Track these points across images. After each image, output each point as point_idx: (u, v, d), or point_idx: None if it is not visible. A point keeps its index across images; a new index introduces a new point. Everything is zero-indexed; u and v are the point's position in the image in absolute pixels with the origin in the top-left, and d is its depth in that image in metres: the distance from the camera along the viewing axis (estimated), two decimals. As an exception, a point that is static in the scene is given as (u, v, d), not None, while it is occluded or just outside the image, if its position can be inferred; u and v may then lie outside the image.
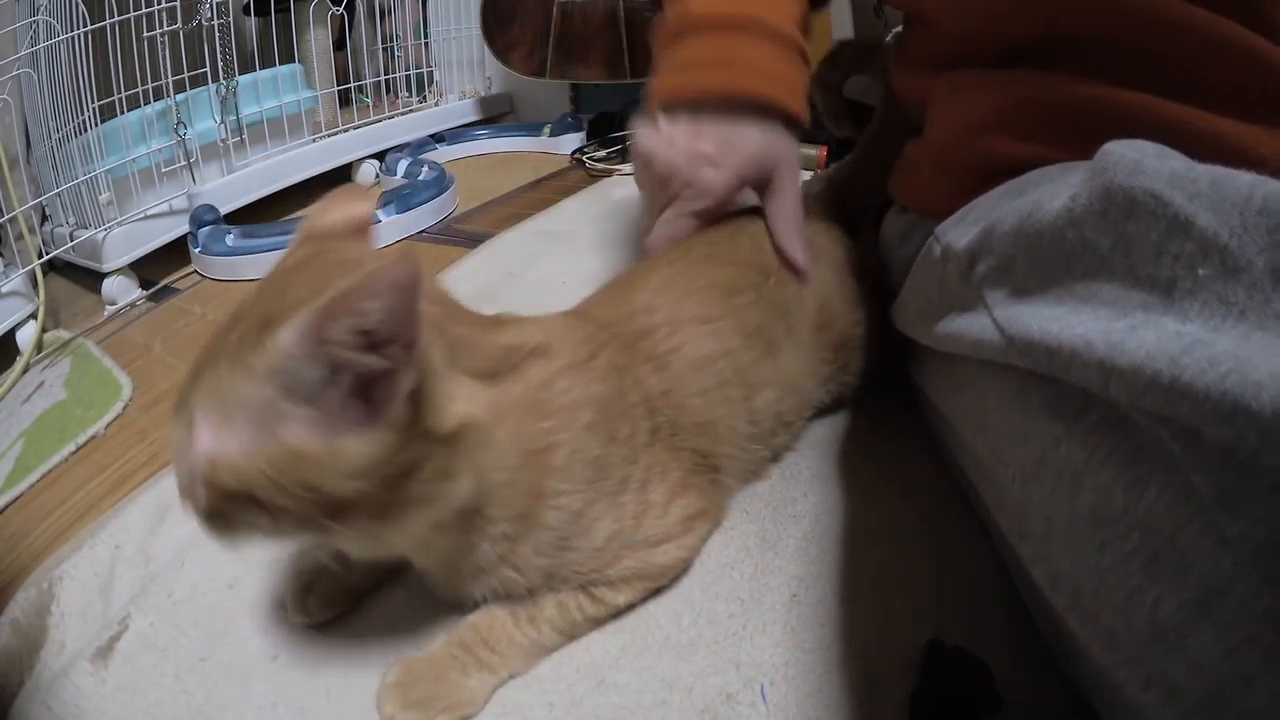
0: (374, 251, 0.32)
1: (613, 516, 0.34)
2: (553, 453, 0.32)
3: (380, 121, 1.24)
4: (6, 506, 0.51)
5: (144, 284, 0.88)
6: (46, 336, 0.79)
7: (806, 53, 0.50)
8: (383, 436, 0.24)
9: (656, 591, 0.38)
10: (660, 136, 0.48)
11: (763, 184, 0.49)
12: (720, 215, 0.48)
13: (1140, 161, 0.24)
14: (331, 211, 0.33)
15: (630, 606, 0.37)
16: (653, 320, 0.39)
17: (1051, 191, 0.28)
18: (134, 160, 0.87)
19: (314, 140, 1.11)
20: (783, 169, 0.48)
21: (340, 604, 0.38)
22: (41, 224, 0.93)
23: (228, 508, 0.25)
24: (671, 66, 0.49)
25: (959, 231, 0.35)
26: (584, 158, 1.22)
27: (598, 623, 0.36)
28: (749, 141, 0.47)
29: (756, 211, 0.50)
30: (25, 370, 0.72)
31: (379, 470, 0.25)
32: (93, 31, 0.81)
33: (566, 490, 0.32)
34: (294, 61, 1.17)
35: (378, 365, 0.22)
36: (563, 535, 0.33)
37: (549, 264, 0.80)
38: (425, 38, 1.43)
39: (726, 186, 0.47)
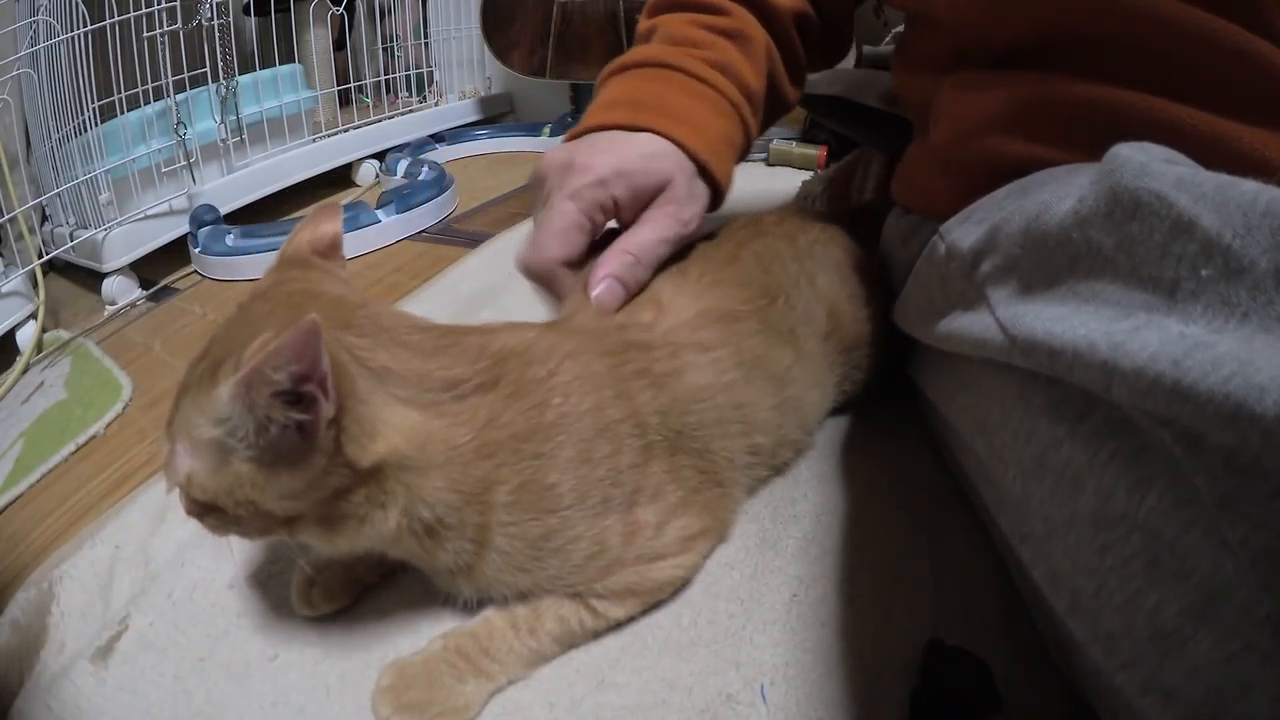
0: (324, 280, 0.34)
1: (592, 539, 0.33)
2: (495, 490, 0.31)
3: (380, 121, 1.24)
4: (6, 506, 0.51)
5: (144, 284, 0.88)
6: (46, 336, 0.78)
7: (743, 104, 0.46)
8: (311, 465, 0.28)
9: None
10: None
11: (648, 198, 0.41)
12: (599, 213, 0.41)
13: (1147, 164, 0.24)
14: (303, 233, 0.36)
15: (630, 619, 0.36)
16: (650, 337, 0.37)
17: (1059, 193, 0.28)
18: (134, 160, 0.87)
19: (314, 140, 1.11)
20: (675, 189, 0.41)
21: (344, 597, 0.38)
22: (41, 224, 0.93)
23: (204, 512, 0.30)
24: (586, 115, 0.45)
25: (963, 230, 0.35)
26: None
27: (597, 634, 0.36)
28: (636, 143, 0.41)
29: (760, 227, 0.48)
30: (25, 370, 0.72)
31: (310, 495, 0.29)
32: (93, 31, 0.81)
33: (516, 520, 0.32)
34: (294, 61, 1.17)
35: (295, 419, 0.26)
36: (529, 556, 0.33)
37: (549, 264, 0.80)
38: (425, 38, 1.43)
39: (601, 171, 0.40)
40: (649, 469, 0.35)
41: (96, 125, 0.84)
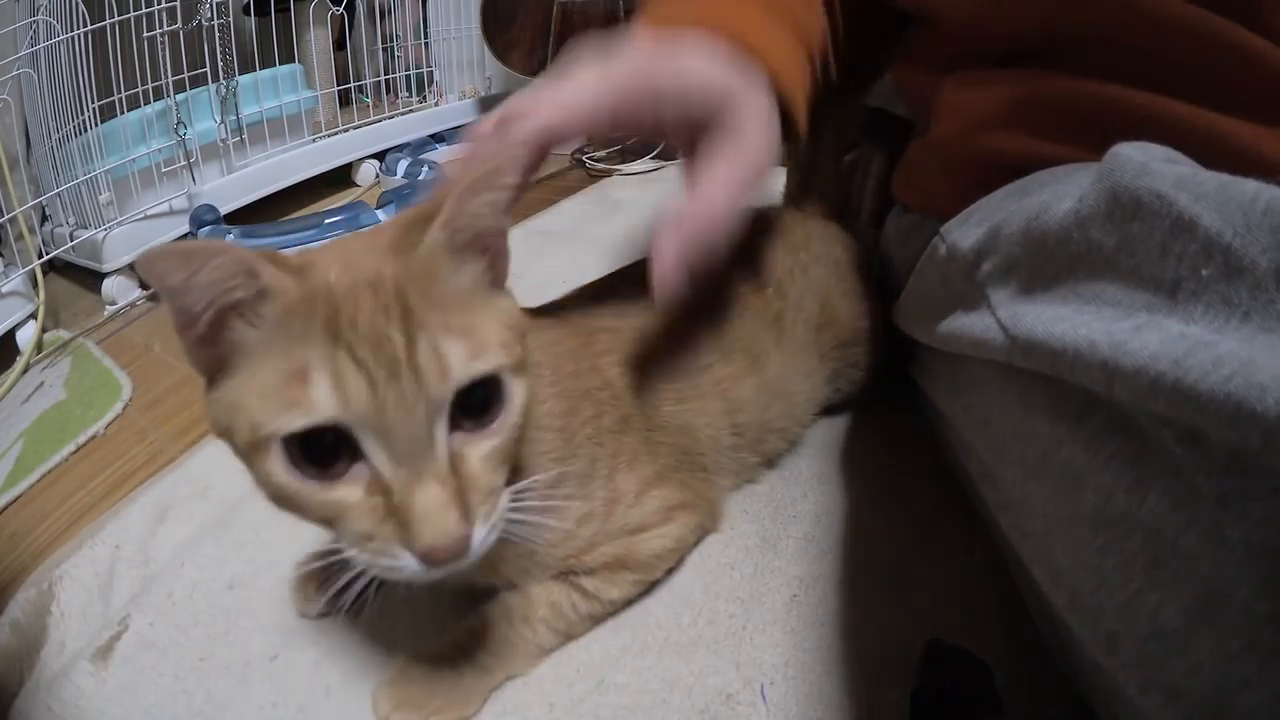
0: None
1: (582, 499, 0.34)
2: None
3: (380, 121, 1.24)
4: (6, 506, 0.51)
5: (144, 284, 0.87)
6: (46, 336, 0.78)
7: (812, 50, 0.40)
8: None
9: (655, 589, 0.38)
10: None
11: (701, 123, 0.33)
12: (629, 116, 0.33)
13: (1147, 164, 0.24)
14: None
15: (626, 602, 0.37)
16: (619, 323, 0.39)
17: (1060, 192, 0.28)
18: (134, 160, 0.87)
19: (314, 140, 1.11)
20: (738, 109, 0.32)
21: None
22: (41, 224, 0.93)
23: (514, 395, 0.27)
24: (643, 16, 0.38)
25: (964, 231, 0.35)
26: (584, 158, 1.22)
27: (594, 620, 0.36)
28: (692, 52, 0.33)
29: (755, 222, 0.47)
30: (25, 370, 0.72)
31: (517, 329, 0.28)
32: (93, 31, 0.81)
33: (537, 455, 0.33)
34: (294, 61, 1.17)
35: (497, 228, 0.27)
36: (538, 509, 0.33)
37: (549, 264, 0.80)
38: (425, 38, 1.43)
39: (619, 70, 0.33)
40: (625, 439, 0.36)
41: (96, 125, 0.84)
